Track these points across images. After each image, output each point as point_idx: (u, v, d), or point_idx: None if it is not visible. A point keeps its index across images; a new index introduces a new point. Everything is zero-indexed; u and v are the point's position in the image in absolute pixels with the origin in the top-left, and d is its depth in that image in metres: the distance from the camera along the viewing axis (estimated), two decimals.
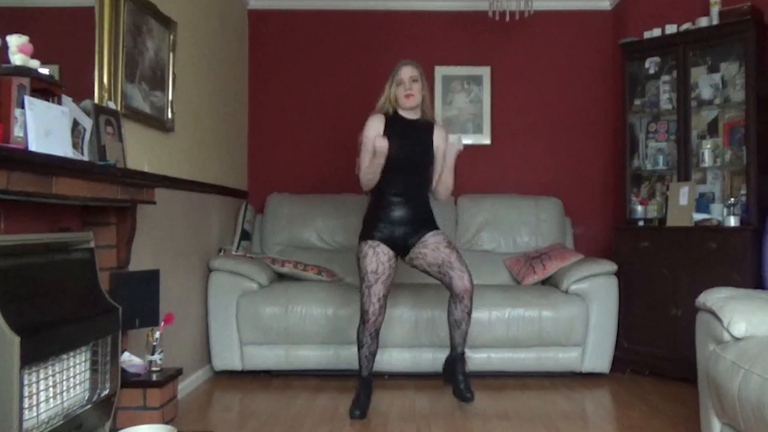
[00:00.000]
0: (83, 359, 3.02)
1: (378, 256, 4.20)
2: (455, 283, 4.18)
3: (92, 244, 3.17)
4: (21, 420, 2.41)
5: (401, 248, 4.29)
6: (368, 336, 4.25)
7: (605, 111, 6.40)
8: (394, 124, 4.29)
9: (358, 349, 4.30)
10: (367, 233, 4.28)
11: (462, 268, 4.19)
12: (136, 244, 3.59)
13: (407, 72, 4.27)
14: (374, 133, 4.22)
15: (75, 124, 3.00)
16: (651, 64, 5.63)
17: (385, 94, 4.35)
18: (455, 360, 4.34)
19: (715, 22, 5.15)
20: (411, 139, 4.29)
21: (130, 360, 3.51)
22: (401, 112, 4.32)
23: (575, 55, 6.44)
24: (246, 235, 5.82)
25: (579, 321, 5.05)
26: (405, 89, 4.25)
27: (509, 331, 4.99)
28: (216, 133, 5.44)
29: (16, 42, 2.57)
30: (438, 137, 4.37)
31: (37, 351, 2.53)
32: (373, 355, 4.31)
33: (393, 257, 4.26)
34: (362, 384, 4.29)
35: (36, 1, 3.42)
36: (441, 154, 4.34)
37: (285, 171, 6.46)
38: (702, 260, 4.91)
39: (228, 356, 5.10)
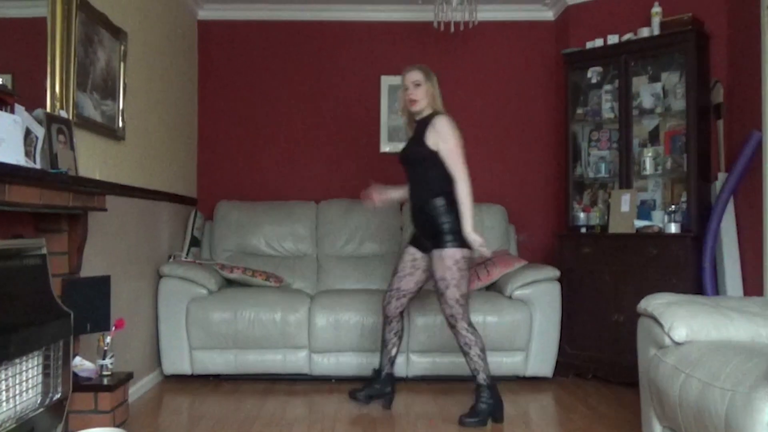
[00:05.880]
0: (35, 363, 3.05)
1: (402, 255, 4.47)
2: None
3: (44, 251, 3.20)
4: None
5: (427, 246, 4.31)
6: (385, 321, 4.50)
7: (548, 120, 6.51)
8: None
9: None
10: None
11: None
12: (87, 251, 3.63)
13: (408, 78, 4.32)
14: None
15: (27, 133, 3.02)
16: (593, 73, 5.73)
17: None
18: None
19: (657, 32, 5.29)
20: (410, 140, 4.45)
21: (82, 364, 3.55)
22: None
23: (519, 65, 6.56)
24: (195, 242, 5.85)
25: (523, 326, 5.15)
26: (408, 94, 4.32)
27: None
28: (166, 141, 5.48)
29: None
30: (431, 132, 4.22)
31: None
32: (386, 346, 4.50)
33: (418, 257, 4.37)
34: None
35: None
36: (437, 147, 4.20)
37: (234, 178, 6.50)
38: (643, 266, 5.03)
39: (178, 360, 5.13)
